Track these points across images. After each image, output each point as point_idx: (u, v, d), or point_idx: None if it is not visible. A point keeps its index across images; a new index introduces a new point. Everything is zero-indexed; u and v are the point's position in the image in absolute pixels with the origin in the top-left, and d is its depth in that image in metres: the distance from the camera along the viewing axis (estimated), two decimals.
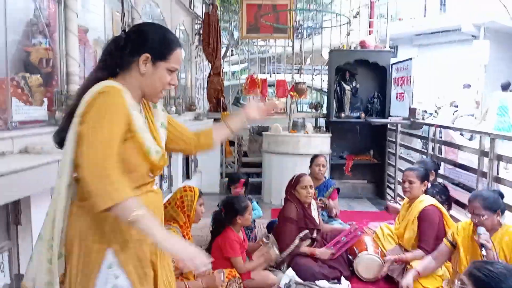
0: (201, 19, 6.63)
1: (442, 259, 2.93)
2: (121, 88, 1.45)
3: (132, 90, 1.51)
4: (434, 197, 3.59)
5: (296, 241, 3.40)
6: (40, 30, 2.80)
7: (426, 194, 3.45)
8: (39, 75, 2.63)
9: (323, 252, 3.42)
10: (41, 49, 2.77)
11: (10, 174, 1.72)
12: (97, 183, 1.28)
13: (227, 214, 3.19)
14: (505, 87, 8.51)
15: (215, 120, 6.46)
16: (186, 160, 6.00)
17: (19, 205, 2.12)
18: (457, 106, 10.24)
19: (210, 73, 6.53)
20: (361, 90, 6.45)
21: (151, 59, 1.49)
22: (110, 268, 1.43)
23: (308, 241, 3.56)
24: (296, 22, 6.65)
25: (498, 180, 3.51)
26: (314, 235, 3.56)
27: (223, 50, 8.00)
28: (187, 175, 6.05)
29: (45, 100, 2.60)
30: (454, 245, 2.83)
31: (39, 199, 2.24)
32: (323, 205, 4.10)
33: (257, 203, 4.18)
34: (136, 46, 1.50)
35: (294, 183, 3.61)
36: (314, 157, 4.44)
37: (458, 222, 2.98)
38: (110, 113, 1.37)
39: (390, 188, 6.15)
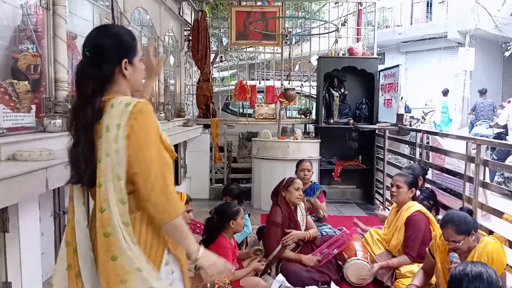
0: (190, 26, 6.65)
1: (431, 271, 2.94)
2: (147, 101, 1.52)
3: (128, 94, 1.58)
4: (422, 202, 3.64)
5: (279, 246, 3.42)
6: (28, 36, 2.79)
7: (414, 200, 3.48)
8: (27, 82, 2.62)
9: (309, 258, 3.44)
10: (29, 55, 2.75)
11: None
12: (161, 201, 1.45)
13: (220, 220, 3.19)
14: (482, 93, 10.52)
15: (205, 126, 6.47)
16: (175, 166, 5.98)
17: (7, 212, 2.10)
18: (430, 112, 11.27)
19: (199, 79, 6.54)
20: (350, 96, 6.52)
21: (128, 61, 1.55)
22: (167, 265, 1.57)
23: (293, 245, 3.57)
24: (284, 29, 6.70)
25: (484, 185, 3.56)
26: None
27: (212, 56, 8.02)
28: (176, 181, 6.03)
29: (33, 106, 2.59)
30: (433, 257, 2.86)
31: (26, 206, 2.22)
32: (310, 206, 4.11)
33: (248, 215, 4.17)
34: (113, 56, 1.52)
35: (287, 184, 3.64)
36: (300, 162, 4.49)
37: (438, 231, 2.98)
38: (152, 130, 1.48)
39: (379, 193, 6.20)
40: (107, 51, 1.51)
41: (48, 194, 2.64)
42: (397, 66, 5.74)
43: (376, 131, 6.22)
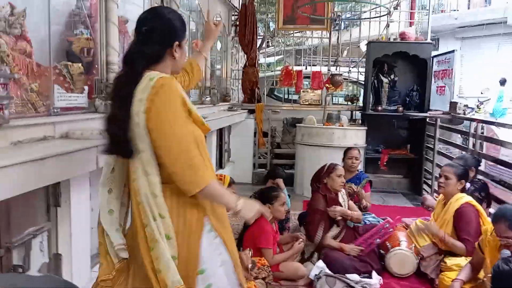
0: (237, 11, 6.65)
1: (479, 266, 2.81)
2: (171, 76, 1.59)
3: (168, 73, 1.65)
4: (473, 194, 3.47)
5: (320, 233, 3.39)
6: (82, 20, 2.90)
7: (463, 193, 3.33)
8: (80, 64, 2.73)
9: (352, 248, 3.39)
10: (83, 39, 2.86)
11: (51, 157, 1.80)
12: (186, 173, 1.50)
13: (258, 201, 3.22)
14: None
15: (249, 111, 6.49)
16: (219, 150, 6.07)
17: (59, 188, 2.22)
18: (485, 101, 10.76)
19: (245, 65, 6.55)
20: (400, 83, 6.30)
21: (179, 44, 1.64)
22: (210, 232, 1.63)
23: (337, 230, 3.52)
24: (334, 13, 6.53)
25: None
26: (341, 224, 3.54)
27: (258, 42, 8.00)
28: (220, 164, 6.12)
29: (86, 88, 2.70)
30: (483, 252, 2.72)
31: (78, 182, 2.34)
32: (354, 193, 4.04)
33: (289, 196, 4.17)
34: (167, 38, 1.60)
35: (329, 171, 3.59)
36: (347, 150, 4.41)
37: (489, 226, 2.83)
38: (175, 104, 1.51)
39: (427, 184, 5.99)
40: (161, 33, 1.59)
41: (98, 171, 2.75)
42: (453, 51, 5.46)
43: (427, 120, 5.98)
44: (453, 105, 5.18)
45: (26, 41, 2.28)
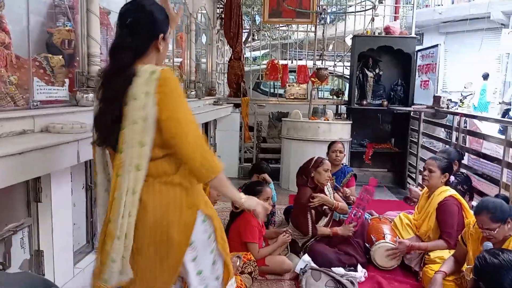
0: (222, 3, 6.59)
1: (462, 258, 2.85)
2: (170, 68, 1.64)
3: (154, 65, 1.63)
4: (456, 187, 3.51)
5: (310, 225, 3.42)
6: (63, 12, 2.83)
7: (446, 186, 3.37)
8: (61, 56, 2.67)
9: (345, 228, 3.43)
10: (64, 30, 2.80)
11: (30, 151, 1.75)
12: (202, 158, 1.53)
13: None
14: None
15: (235, 105, 6.46)
16: None
17: (40, 182, 2.17)
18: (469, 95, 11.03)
19: (230, 58, 6.51)
20: (384, 77, 6.33)
21: (163, 36, 1.64)
22: (204, 222, 1.69)
23: (325, 220, 3.56)
24: (319, 6, 6.52)
25: None
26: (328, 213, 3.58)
27: (244, 35, 7.94)
28: None
29: (67, 80, 2.64)
30: (465, 245, 2.76)
31: (58, 177, 2.29)
32: (340, 194, 4.07)
33: (275, 190, 4.17)
34: (152, 31, 1.61)
35: (316, 165, 3.59)
36: (331, 143, 4.42)
37: (471, 219, 2.88)
38: (182, 93, 1.58)
39: (411, 178, 6.05)
40: (146, 25, 1.59)
41: (80, 167, 2.70)
42: (436, 46, 5.51)
43: (411, 114, 6.03)
44: (436, 99, 5.23)
45: (5, 32, 2.22)
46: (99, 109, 1.60)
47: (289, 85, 6.64)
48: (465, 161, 4.48)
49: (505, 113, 8.88)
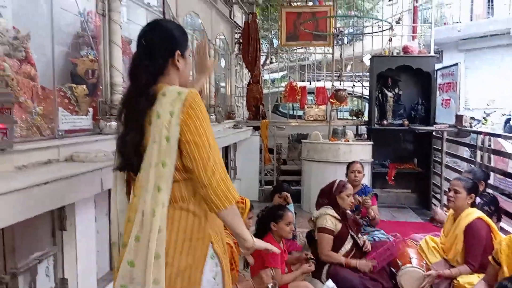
0: (240, 29, 6.70)
1: (493, 280, 2.74)
2: (195, 90, 1.56)
3: (177, 85, 1.61)
4: (482, 208, 3.41)
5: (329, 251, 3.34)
6: (86, 42, 2.92)
7: (473, 207, 3.27)
8: (85, 86, 2.73)
9: (364, 263, 3.32)
10: (87, 60, 2.87)
11: (56, 181, 1.78)
12: (221, 186, 1.48)
13: (264, 219, 3.19)
14: None
15: (254, 128, 6.48)
16: (226, 167, 6.03)
17: (64, 211, 2.19)
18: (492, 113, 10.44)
19: (249, 82, 6.58)
20: (404, 97, 6.28)
21: (181, 53, 1.60)
22: (212, 259, 1.61)
23: (348, 246, 3.47)
24: (336, 28, 6.56)
25: None
26: (360, 236, 3.47)
27: (262, 58, 8.03)
28: None
29: (90, 109, 2.70)
30: (499, 264, 2.66)
31: (83, 205, 2.31)
32: (358, 204, 3.98)
33: (295, 213, 4.12)
34: (167, 49, 1.58)
35: (338, 189, 3.54)
36: (350, 164, 4.39)
37: (504, 237, 2.79)
38: (208, 117, 1.54)
39: (436, 198, 5.92)
40: (161, 44, 1.56)
41: (103, 194, 2.72)
42: (456, 64, 5.45)
43: (433, 133, 5.94)
44: (459, 118, 5.15)
45: (31, 64, 2.29)
46: (122, 132, 1.58)
47: (308, 107, 6.64)
48: (491, 180, 4.36)
49: (507, 122, 8.56)
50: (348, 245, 3.45)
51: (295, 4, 6.64)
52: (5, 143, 1.71)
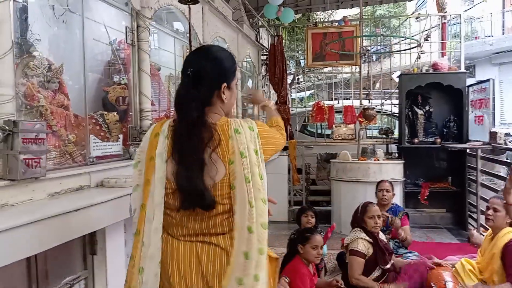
0: (267, 50, 6.78)
1: None
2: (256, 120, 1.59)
3: (222, 116, 1.55)
4: None
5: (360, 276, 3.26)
6: (117, 70, 3.03)
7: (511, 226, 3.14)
8: (115, 113, 2.83)
9: (395, 287, 3.22)
10: (118, 88, 2.98)
11: (87, 207, 1.84)
12: None
13: (293, 241, 3.17)
14: None
15: (282, 148, 6.47)
16: None
17: (95, 236, 2.25)
18: None
19: (276, 102, 6.60)
20: (435, 114, 6.15)
21: (227, 85, 1.53)
22: None
23: (378, 273, 3.37)
24: (362, 47, 6.54)
25: None
26: (388, 266, 3.36)
27: (290, 78, 8.07)
28: None
29: (120, 136, 2.78)
30: None
31: (113, 230, 2.37)
32: (390, 223, 3.88)
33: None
34: (214, 81, 1.50)
35: (362, 212, 3.47)
36: (379, 183, 4.31)
37: None
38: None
39: (472, 218, 5.69)
40: (208, 75, 1.48)
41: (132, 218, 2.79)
42: (488, 80, 5.31)
43: (467, 151, 5.76)
44: (493, 135, 4.99)
45: (64, 94, 2.39)
46: (177, 169, 1.43)
47: (336, 126, 6.60)
48: None
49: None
50: (378, 272, 3.36)
51: (320, 25, 6.67)
52: (38, 172, 1.78)
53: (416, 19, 6.93)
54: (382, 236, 3.53)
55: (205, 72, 1.47)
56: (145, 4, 2.92)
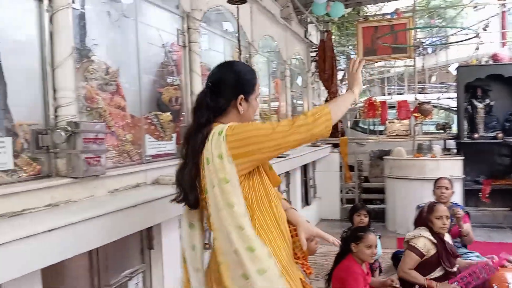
0: (316, 46, 6.72)
1: None
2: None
3: None
4: None
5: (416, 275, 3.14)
6: (170, 71, 3.13)
7: None
8: (169, 113, 2.93)
9: (445, 286, 3.08)
10: (171, 88, 3.08)
11: (145, 203, 1.92)
12: (303, 127, 1.50)
13: (346, 239, 3.12)
14: None
15: (333, 145, 6.39)
16: (305, 186, 6.01)
17: (152, 231, 2.34)
18: None
19: (326, 99, 6.53)
20: (496, 108, 5.81)
21: (244, 97, 1.58)
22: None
23: (438, 274, 3.23)
24: (416, 40, 6.31)
25: None
26: (454, 269, 3.21)
27: (340, 74, 7.94)
28: (306, 201, 6.05)
29: (174, 135, 2.87)
30: None
31: (168, 225, 2.45)
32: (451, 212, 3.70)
33: (379, 237, 3.94)
34: (230, 91, 1.57)
35: (428, 213, 3.34)
36: (437, 180, 4.12)
37: None
38: (247, 125, 1.58)
39: None
40: (226, 86, 1.57)
41: None
42: None
43: None
44: None
45: (121, 96, 2.51)
46: (181, 165, 1.59)
47: (389, 122, 6.41)
48: None
49: None
50: (438, 273, 3.21)
51: (371, 18, 6.51)
52: (99, 170, 1.89)
53: (473, 8, 6.57)
54: (448, 238, 3.38)
55: (223, 82, 1.57)
56: (195, 6, 3.00)
